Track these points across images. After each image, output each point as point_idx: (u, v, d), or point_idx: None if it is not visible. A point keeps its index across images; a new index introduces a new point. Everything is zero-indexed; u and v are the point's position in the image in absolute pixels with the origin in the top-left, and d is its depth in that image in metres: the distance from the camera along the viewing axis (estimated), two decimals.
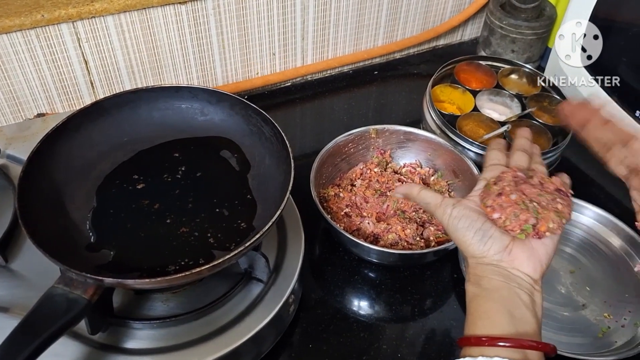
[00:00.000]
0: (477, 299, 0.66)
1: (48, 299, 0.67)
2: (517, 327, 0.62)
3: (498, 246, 0.66)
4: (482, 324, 0.63)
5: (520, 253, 0.66)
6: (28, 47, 1.03)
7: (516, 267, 0.66)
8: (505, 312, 0.63)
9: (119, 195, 0.85)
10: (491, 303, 0.64)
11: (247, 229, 0.81)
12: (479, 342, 0.62)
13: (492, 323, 0.63)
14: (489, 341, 0.61)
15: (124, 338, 0.78)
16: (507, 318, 0.62)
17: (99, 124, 0.89)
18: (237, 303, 0.82)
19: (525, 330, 0.62)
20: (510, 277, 0.65)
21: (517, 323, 0.62)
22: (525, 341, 0.60)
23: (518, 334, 0.61)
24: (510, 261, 0.66)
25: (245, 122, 0.91)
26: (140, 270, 0.75)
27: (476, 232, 0.68)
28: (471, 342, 0.63)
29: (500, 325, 0.62)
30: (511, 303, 0.63)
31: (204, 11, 1.14)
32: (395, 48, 1.43)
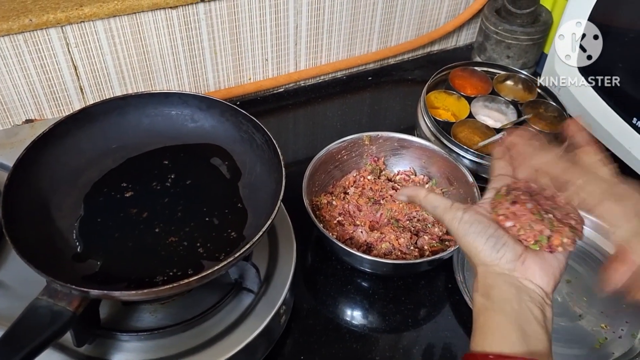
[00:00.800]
0: (487, 311, 0.62)
1: (32, 310, 0.66)
2: (529, 346, 0.58)
3: (511, 255, 0.63)
4: (493, 339, 0.60)
5: (534, 264, 0.63)
6: (16, 52, 1.02)
7: (529, 278, 0.62)
8: (517, 328, 0.59)
9: (107, 204, 0.83)
10: (502, 317, 0.61)
11: (237, 238, 0.80)
12: (485, 359, 0.59)
13: (502, 339, 0.59)
14: (495, 359, 0.58)
15: (111, 350, 0.76)
16: (519, 334, 0.59)
17: (87, 131, 0.88)
18: (227, 314, 0.81)
19: (537, 349, 0.59)
20: (521, 288, 0.62)
21: (529, 341, 0.59)
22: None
23: (530, 352, 0.58)
24: (523, 271, 0.63)
25: (236, 128, 0.90)
26: (128, 280, 0.74)
27: (489, 238, 0.64)
28: (477, 358, 0.59)
29: (511, 343, 0.58)
30: (523, 318, 0.60)
31: (196, 16, 1.13)
32: (389, 54, 1.42)
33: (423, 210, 1.02)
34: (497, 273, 0.63)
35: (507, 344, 0.58)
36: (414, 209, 1.03)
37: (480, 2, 1.40)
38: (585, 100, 1.20)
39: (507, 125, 1.16)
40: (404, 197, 0.76)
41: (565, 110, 1.18)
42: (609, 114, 1.16)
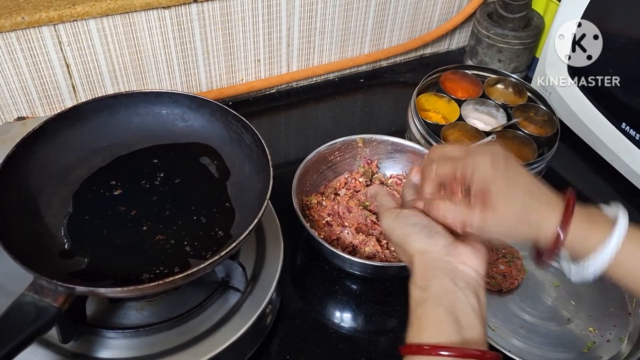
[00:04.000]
0: (424, 303, 0.64)
1: (17, 306, 0.66)
2: (464, 335, 0.61)
3: (444, 241, 0.67)
4: (430, 332, 0.62)
5: (465, 249, 0.66)
6: (8, 50, 1.02)
7: (464, 262, 0.65)
8: (453, 320, 0.61)
9: (96, 201, 0.84)
10: (438, 309, 0.62)
11: (224, 237, 0.80)
12: (421, 351, 0.60)
13: (438, 331, 0.61)
14: (431, 349, 0.60)
15: (96, 347, 0.76)
16: (455, 327, 0.61)
17: (77, 129, 0.88)
18: (213, 312, 0.81)
19: (471, 338, 0.61)
20: (457, 274, 0.65)
21: (464, 332, 0.61)
22: (469, 350, 0.59)
23: (464, 342, 0.60)
24: (457, 255, 0.66)
25: (225, 128, 0.90)
26: (115, 278, 0.74)
27: (423, 227, 0.68)
28: (412, 350, 0.61)
29: (447, 334, 0.60)
30: (459, 309, 0.62)
31: (188, 16, 1.13)
32: (381, 56, 1.42)
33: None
34: (433, 259, 0.66)
35: (442, 335, 0.60)
36: None
37: (472, 6, 1.41)
38: (575, 104, 1.21)
39: (497, 129, 1.16)
40: (370, 194, 0.82)
41: (555, 114, 1.19)
42: (598, 119, 1.16)
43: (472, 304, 0.63)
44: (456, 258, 0.66)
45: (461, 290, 0.63)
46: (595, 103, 1.17)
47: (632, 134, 1.11)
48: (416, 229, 0.68)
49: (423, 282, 0.65)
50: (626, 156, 1.14)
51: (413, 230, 0.68)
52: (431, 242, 0.67)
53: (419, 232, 0.68)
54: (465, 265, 0.65)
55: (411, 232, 0.68)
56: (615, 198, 1.16)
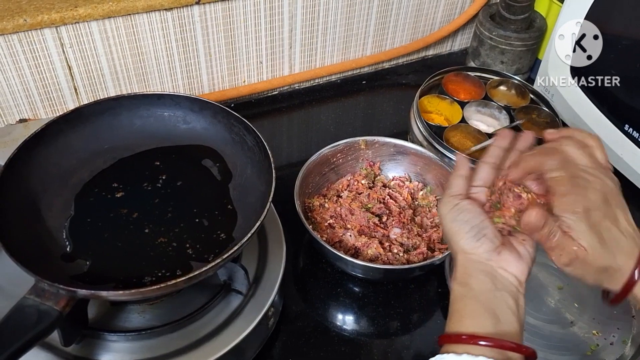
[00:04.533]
0: (464, 299, 0.66)
1: (18, 310, 0.66)
2: (501, 329, 0.62)
3: (489, 246, 0.67)
4: (468, 323, 0.63)
5: (509, 255, 0.67)
6: (10, 52, 1.02)
7: (504, 268, 0.66)
8: (491, 315, 0.63)
9: (98, 204, 0.84)
10: (477, 305, 0.64)
11: (226, 239, 0.80)
12: (459, 340, 0.62)
13: (476, 323, 0.63)
14: (468, 338, 0.61)
15: (98, 350, 0.76)
16: (492, 320, 0.63)
17: (79, 131, 0.88)
18: (215, 315, 0.81)
19: (508, 332, 0.63)
20: (497, 277, 0.66)
21: (501, 325, 0.63)
22: (506, 342, 0.61)
23: (501, 334, 0.62)
24: (498, 261, 0.67)
25: (227, 130, 0.90)
26: (116, 281, 0.74)
27: (472, 227, 0.68)
28: (451, 339, 0.63)
29: (485, 327, 0.62)
30: (497, 306, 0.64)
31: (190, 18, 1.13)
32: (383, 58, 1.42)
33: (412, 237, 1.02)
34: (475, 261, 0.67)
35: (480, 327, 0.62)
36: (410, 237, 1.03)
37: (475, 7, 1.40)
38: (577, 106, 1.21)
39: (499, 130, 1.16)
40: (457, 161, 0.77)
41: (557, 116, 1.19)
42: (601, 120, 1.16)
43: (509, 304, 0.64)
44: (497, 263, 0.67)
45: (499, 292, 0.65)
46: (598, 105, 1.17)
47: (635, 135, 1.10)
48: (466, 228, 0.68)
49: (463, 278, 0.67)
50: (629, 158, 1.14)
51: (462, 228, 0.68)
52: (476, 245, 0.67)
53: (468, 232, 0.68)
54: (505, 271, 0.66)
55: (460, 229, 0.68)
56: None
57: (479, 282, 0.66)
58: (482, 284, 0.65)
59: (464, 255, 0.68)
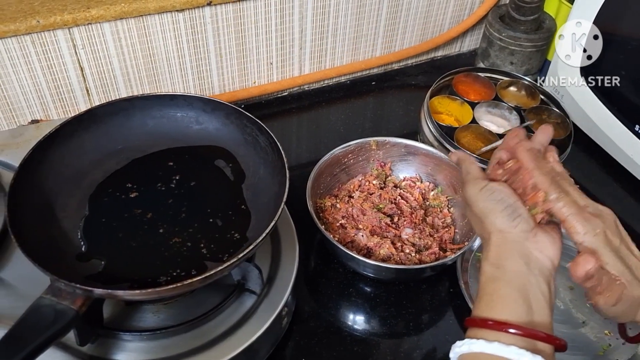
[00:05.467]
0: (497, 281, 0.64)
1: (35, 309, 0.66)
2: (533, 318, 0.61)
3: (525, 225, 0.66)
4: (500, 309, 0.62)
5: (544, 237, 0.66)
6: (23, 53, 1.02)
7: (540, 249, 0.65)
8: (524, 302, 0.62)
9: (112, 204, 0.84)
10: (510, 289, 0.63)
11: (240, 239, 0.80)
12: (485, 325, 0.61)
13: (508, 310, 0.61)
14: (496, 325, 0.60)
15: (113, 350, 0.76)
16: (525, 307, 0.61)
17: (93, 132, 0.88)
18: (229, 315, 0.81)
19: (539, 321, 0.61)
20: (532, 260, 0.64)
21: (533, 314, 0.61)
22: (538, 332, 0.60)
23: (532, 324, 0.61)
24: (535, 242, 0.65)
25: (240, 131, 0.90)
26: (131, 280, 0.74)
27: (507, 207, 0.67)
28: (477, 323, 0.62)
29: (517, 314, 0.61)
30: (531, 293, 0.62)
31: (202, 19, 1.13)
32: (393, 59, 1.42)
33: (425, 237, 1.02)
34: (511, 240, 0.66)
35: (512, 314, 0.61)
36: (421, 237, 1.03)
37: (484, 8, 1.40)
38: (587, 106, 1.21)
39: None
40: (455, 157, 0.79)
41: (568, 117, 1.19)
42: (611, 121, 1.16)
43: (542, 290, 0.63)
44: (533, 245, 0.65)
45: (534, 276, 0.63)
46: (608, 105, 1.17)
47: None
48: (500, 207, 0.67)
49: (497, 260, 0.65)
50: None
51: (497, 207, 0.67)
52: (512, 224, 0.66)
53: (503, 211, 0.67)
54: (542, 253, 0.65)
55: (495, 208, 0.67)
56: (630, 201, 1.16)
57: (513, 263, 0.64)
58: (516, 266, 0.64)
59: (500, 235, 0.66)
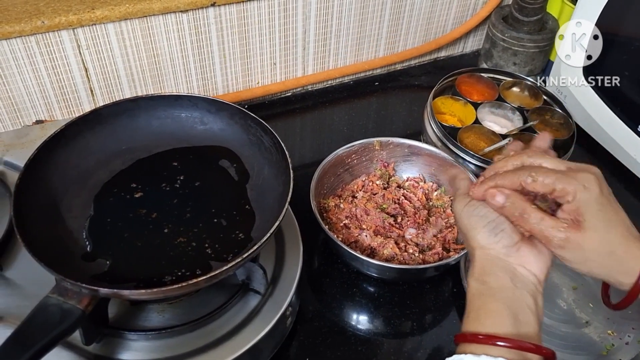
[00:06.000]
0: (482, 296, 0.64)
1: (42, 309, 0.67)
2: (520, 329, 0.61)
3: (507, 241, 0.66)
4: (487, 322, 0.62)
5: (528, 252, 0.66)
6: (28, 54, 1.03)
7: (523, 265, 0.65)
8: (510, 314, 0.62)
9: (117, 204, 0.84)
10: (496, 303, 0.63)
11: (245, 239, 0.80)
12: (476, 339, 0.61)
13: (495, 323, 0.62)
14: (486, 339, 0.60)
15: (118, 349, 0.77)
16: (512, 320, 0.61)
17: (97, 132, 0.89)
18: (234, 315, 0.81)
19: (527, 333, 0.61)
20: (516, 275, 0.65)
21: (520, 326, 0.61)
22: (525, 343, 0.60)
23: (520, 335, 0.61)
24: (518, 257, 0.65)
25: (244, 131, 0.91)
26: (137, 280, 0.74)
27: (489, 222, 0.67)
28: (467, 338, 0.62)
29: (504, 327, 0.61)
30: (516, 306, 0.63)
31: (205, 20, 1.13)
32: (396, 59, 1.42)
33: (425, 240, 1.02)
34: (494, 257, 0.66)
35: (499, 327, 0.61)
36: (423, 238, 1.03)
37: (487, 9, 1.41)
38: (590, 107, 1.21)
39: (513, 132, 1.16)
40: (449, 175, 0.78)
41: (571, 117, 1.19)
42: (614, 121, 1.16)
43: (528, 303, 0.63)
44: (516, 260, 0.65)
45: (519, 290, 0.64)
46: (611, 105, 1.17)
47: None
48: (482, 223, 0.67)
49: (482, 276, 0.65)
50: None
51: (479, 223, 0.67)
52: (494, 240, 0.66)
53: (484, 227, 0.67)
54: (524, 268, 0.65)
55: (477, 224, 0.67)
56: (632, 201, 1.16)
57: (497, 279, 0.64)
58: (501, 281, 0.64)
59: (482, 251, 0.67)
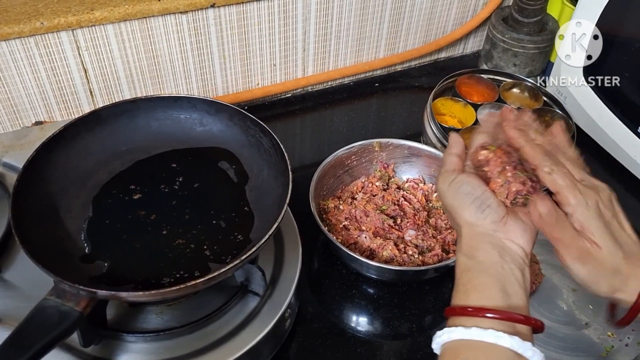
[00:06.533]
0: (471, 271, 0.65)
1: (39, 311, 0.67)
2: (509, 302, 0.62)
3: (494, 216, 0.66)
4: (475, 296, 0.63)
5: (515, 226, 0.66)
6: (27, 55, 1.03)
7: (511, 239, 0.66)
8: (499, 288, 0.62)
9: (115, 206, 0.84)
10: (485, 277, 0.63)
11: (243, 241, 0.80)
12: (465, 312, 0.61)
13: (484, 296, 0.62)
14: (475, 311, 0.60)
15: (117, 351, 0.77)
16: (501, 293, 0.62)
17: (97, 133, 0.89)
18: (232, 316, 0.81)
19: (516, 304, 0.62)
20: (504, 249, 0.65)
21: (509, 298, 0.62)
22: (514, 314, 0.60)
23: (509, 307, 0.61)
24: (506, 232, 0.66)
25: (243, 133, 0.91)
26: (135, 282, 0.75)
27: (475, 199, 0.67)
28: (456, 312, 0.62)
29: (493, 299, 0.61)
30: (505, 279, 0.63)
31: (205, 21, 1.13)
32: (396, 60, 1.42)
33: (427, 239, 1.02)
34: (481, 233, 0.66)
35: (488, 300, 0.62)
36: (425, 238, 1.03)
37: (487, 10, 1.40)
38: (590, 108, 1.21)
39: None
40: (450, 140, 0.78)
41: (571, 119, 1.19)
42: (614, 123, 1.16)
43: (517, 276, 0.64)
44: (504, 234, 0.66)
45: (507, 264, 0.64)
46: (611, 107, 1.16)
47: None
48: (468, 200, 0.67)
49: (470, 251, 0.66)
50: None
51: (464, 200, 0.67)
52: (481, 217, 0.66)
53: (471, 204, 0.67)
54: (512, 242, 0.65)
55: (462, 202, 0.67)
56: (632, 203, 1.16)
57: (486, 254, 0.65)
58: (489, 256, 0.64)
59: (470, 228, 0.67)
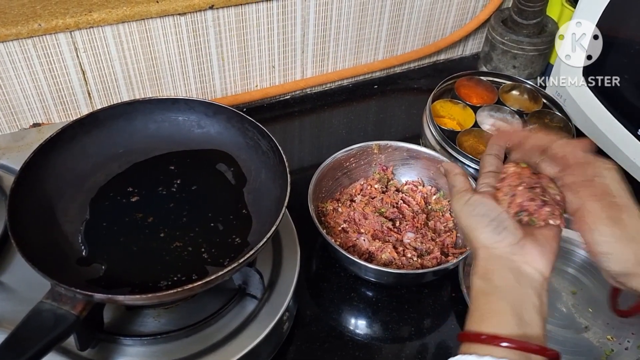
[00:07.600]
0: (486, 295, 0.63)
1: (36, 314, 0.66)
2: (525, 330, 0.60)
3: (511, 238, 0.64)
4: (490, 322, 0.61)
5: (533, 248, 0.64)
6: (25, 57, 1.02)
7: (528, 262, 0.63)
8: (515, 314, 0.60)
9: (113, 208, 0.84)
10: (501, 303, 0.62)
11: (241, 244, 0.80)
12: (478, 339, 0.60)
13: (499, 322, 0.60)
14: (489, 339, 0.59)
15: (113, 355, 0.76)
16: (517, 320, 0.60)
17: (94, 135, 0.88)
18: (230, 320, 0.81)
19: (532, 333, 0.60)
20: (521, 274, 0.63)
21: (525, 326, 0.60)
22: (530, 344, 0.58)
23: (525, 336, 0.59)
24: (523, 255, 0.64)
25: (242, 135, 0.90)
26: (132, 285, 0.74)
27: (491, 221, 0.65)
28: (470, 337, 0.61)
29: (508, 327, 0.60)
30: (521, 305, 0.61)
31: (204, 23, 1.13)
32: (395, 62, 1.42)
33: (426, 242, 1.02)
34: (498, 256, 0.64)
35: (503, 327, 0.60)
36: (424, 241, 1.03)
37: (486, 12, 1.40)
38: (590, 110, 1.20)
39: None
40: (443, 169, 0.77)
41: (570, 121, 1.18)
42: (613, 125, 1.16)
43: (534, 302, 0.62)
44: (521, 258, 0.64)
45: (524, 289, 0.62)
46: (611, 109, 1.16)
47: None
48: (484, 222, 0.65)
49: (486, 274, 0.64)
50: None
51: (481, 222, 0.65)
52: (497, 239, 0.64)
53: (487, 226, 0.65)
54: (530, 266, 0.63)
55: (478, 224, 0.66)
56: None
57: (502, 278, 0.63)
58: (505, 281, 0.62)
59: (486, 250, 0.65)
